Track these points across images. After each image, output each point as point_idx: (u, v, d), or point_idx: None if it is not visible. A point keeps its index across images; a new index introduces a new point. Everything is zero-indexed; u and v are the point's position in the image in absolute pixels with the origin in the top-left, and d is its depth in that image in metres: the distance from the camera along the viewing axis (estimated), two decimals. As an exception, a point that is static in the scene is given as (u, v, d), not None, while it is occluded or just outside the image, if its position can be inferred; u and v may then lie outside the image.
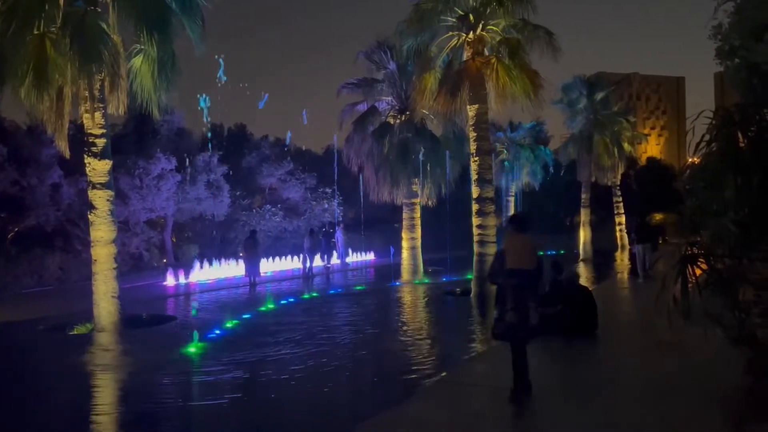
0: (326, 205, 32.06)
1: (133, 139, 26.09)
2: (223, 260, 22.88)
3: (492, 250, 15.87)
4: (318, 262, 24.65)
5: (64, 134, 12.43)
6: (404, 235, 20.58)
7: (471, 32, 15.67)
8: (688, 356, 8.29)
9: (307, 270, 22.55)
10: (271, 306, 15.10)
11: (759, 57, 6.07)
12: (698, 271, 5.96)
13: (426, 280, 19.91)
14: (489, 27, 15.74)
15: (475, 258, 15.81)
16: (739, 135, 5.93)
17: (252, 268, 19.91)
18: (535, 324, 6.78)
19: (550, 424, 6.23)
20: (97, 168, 12.13)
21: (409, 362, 9.22)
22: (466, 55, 15.81)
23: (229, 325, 12.38)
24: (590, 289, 12.23)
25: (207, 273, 21.39)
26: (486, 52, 15.83)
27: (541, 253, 8.04)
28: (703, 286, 5.87)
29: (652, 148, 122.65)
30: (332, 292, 18.39)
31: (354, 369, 9.15)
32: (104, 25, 11.69)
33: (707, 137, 5.90)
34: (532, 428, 6.26)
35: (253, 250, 20.12)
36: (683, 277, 5.76)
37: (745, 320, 5.98)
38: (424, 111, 18.05)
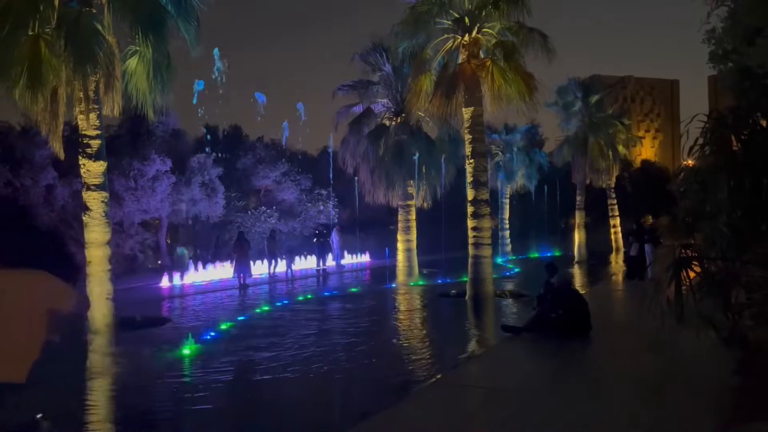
0: (321, 207, 32.02)
1: (128, 141, 25.98)
2: (217, 262, 22.83)
3: (487, 252, 15.93)
4: (308, 264, 24.62)
5: (59, 135, 12.37)
6: (400, 237, 20.59)
7: (466, 35, 15.72)
8: (681, 357, 8.33)
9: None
10: (265, 308, 15.09)
11: (751, 61, 6.12)
12: (692, 274, 5.99)
13: (421, 282, 19.91)
14: (484, 30, 15.80)
15: (470, 260, 15.86)
16: (732, 138, 5.97)
17: (242, 269, 19.87)
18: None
19: (543, 425, 6.24)
20: (92, 169, 12.10)
21: (404, 364, 9.24)
22: (462, 57, 15.86)
23: (222, 327, 12.36)
24: (585, 290, 12.28)
25: (201, 275, 21.34)
26: (481, 55, 15.89)
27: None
28: (696, 288, 5.90)
29: (646, 150, 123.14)
30: (327, 294, 18.38)
31: (348, 370, 9.14)
32: (99, 26, 11.67)
33: (701, 140, 5.94)
34: (524, 429, 6.27)
35: (242, 251, 20.08)
36: (677, 279, 5.79)
37: (738, 322, 6.02)
38: (420, 113, 18.12)
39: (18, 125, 23.53)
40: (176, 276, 20.54)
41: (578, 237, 28.81)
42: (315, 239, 25.52)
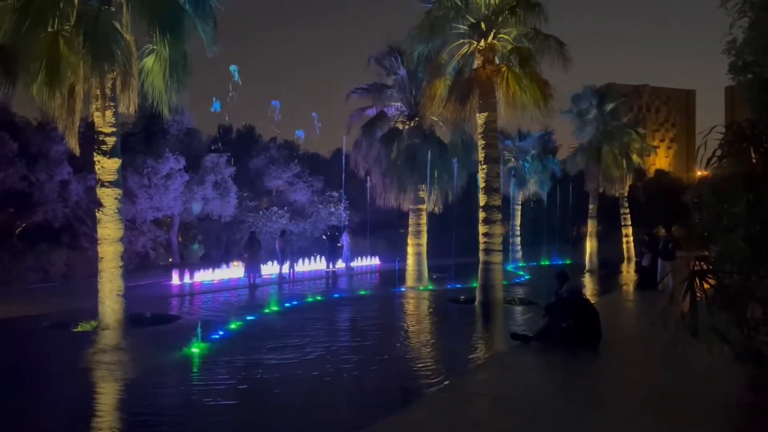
0: (332, 209, 32.07)
1: (143, 138, 26.19)
2: (229, 261, 22.92)
3: (498, 258, 15.87)
4: (318, 266, 24.57)
5: (75, 132, 12.49)
6: (410, 240, 20.55)
7: (482, 40, 15.67)
8: (693, 371, 8.22)
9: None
10: (274, 308, 15.12)
11: (772, 73, 6.04)
12: (706, 286, 5.91)
13: (430, 287, 19.85)
14: (500, 36, 15.75)
15: (480, 266, 15.80)
16: (752, 150, 5.89)
17: (253, 269, 19.95)
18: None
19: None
20: (107, 166, 12.20)
21: (410, 369, 9.19)
22: (477, 63, 15.82)
23: (232, 326, 12.38)
24: (596, 300, 12.18)
25: (212, 273, 21.43)
26: (497, 61, 15.83)
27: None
28: (710, 301, 5.82)
29: (660, 160, 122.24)
30: (335, 296, 18.37)
31: (355, 375, 9.10)
32: (117, 25, 11.79)
33: (719, 152, 5.86)
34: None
35: (253, 251, 20.15)
36: (692, 291, 5.71)
37: (753, 338, 5.92)
38: (433, 117, 18.06)
39: (35, 120, 23.81)
40: (186, 274, 20.64)
41: (590, 245, 28.60)
42: (326, 240, 25.58)
